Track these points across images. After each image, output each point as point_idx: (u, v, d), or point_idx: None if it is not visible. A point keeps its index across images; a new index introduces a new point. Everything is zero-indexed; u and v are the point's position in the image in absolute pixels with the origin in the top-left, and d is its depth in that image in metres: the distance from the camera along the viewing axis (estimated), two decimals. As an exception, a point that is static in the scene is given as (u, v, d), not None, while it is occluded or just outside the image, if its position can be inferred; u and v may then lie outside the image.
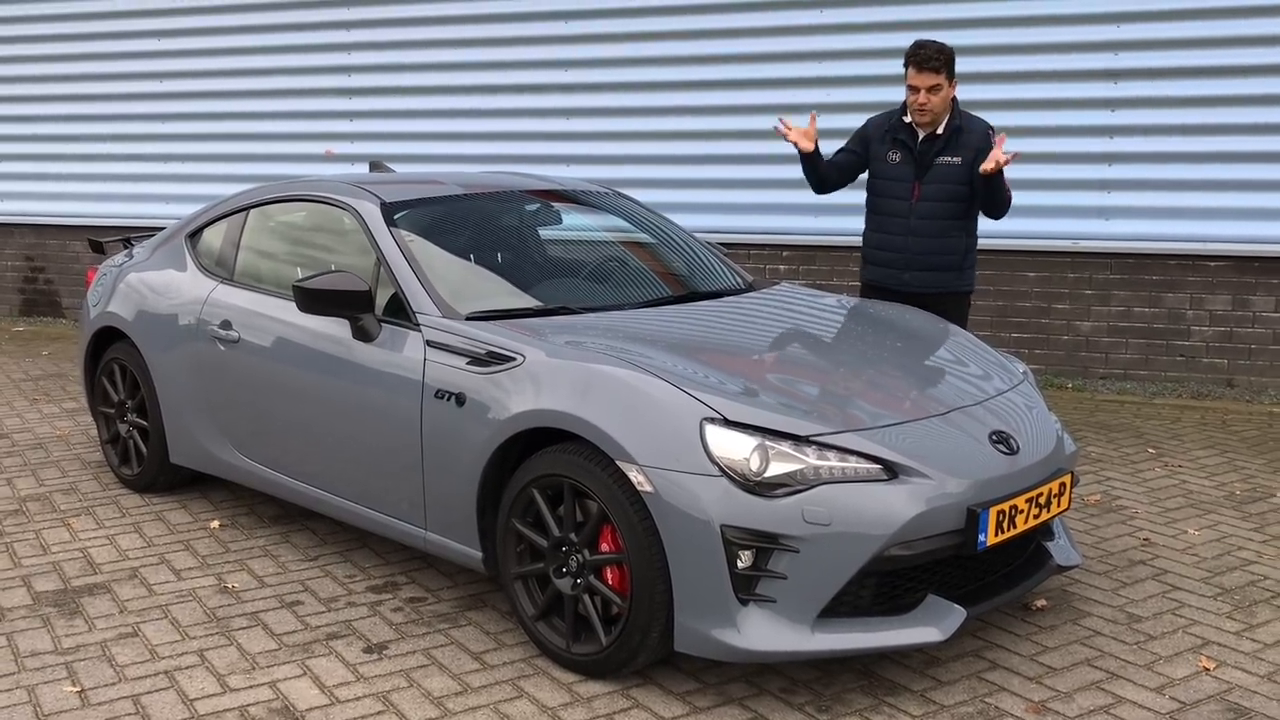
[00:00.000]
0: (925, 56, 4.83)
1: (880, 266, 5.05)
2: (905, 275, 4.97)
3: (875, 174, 5.10)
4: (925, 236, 4.93)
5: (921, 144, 4.95)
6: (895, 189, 4.99)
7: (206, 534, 4.74)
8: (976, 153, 4.87)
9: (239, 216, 4.93)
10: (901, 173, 4.98)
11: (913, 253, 4.95)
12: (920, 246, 4.94)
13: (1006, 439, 3.56)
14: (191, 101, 9.58)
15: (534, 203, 4.90)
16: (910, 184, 4.96)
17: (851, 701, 3.36)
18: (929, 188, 4.93)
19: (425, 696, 3.39)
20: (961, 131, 4.94)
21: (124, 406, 5.22)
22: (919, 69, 4.84)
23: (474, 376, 3.70)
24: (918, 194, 4.93)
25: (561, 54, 8.45)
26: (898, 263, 4.99)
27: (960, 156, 4.91)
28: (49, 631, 3.82)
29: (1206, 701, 3.35)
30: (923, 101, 4.85)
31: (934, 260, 4.96)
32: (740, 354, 3.86)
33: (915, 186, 4.94)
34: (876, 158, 5.06)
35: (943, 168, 4.93)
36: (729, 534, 3.15)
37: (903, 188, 4.97)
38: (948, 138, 4.92)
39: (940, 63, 4.83)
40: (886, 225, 5.01)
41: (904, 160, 4.98)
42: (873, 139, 5.07)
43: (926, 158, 4.94)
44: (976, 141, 4.91)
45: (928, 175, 4.93)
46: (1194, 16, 7.03)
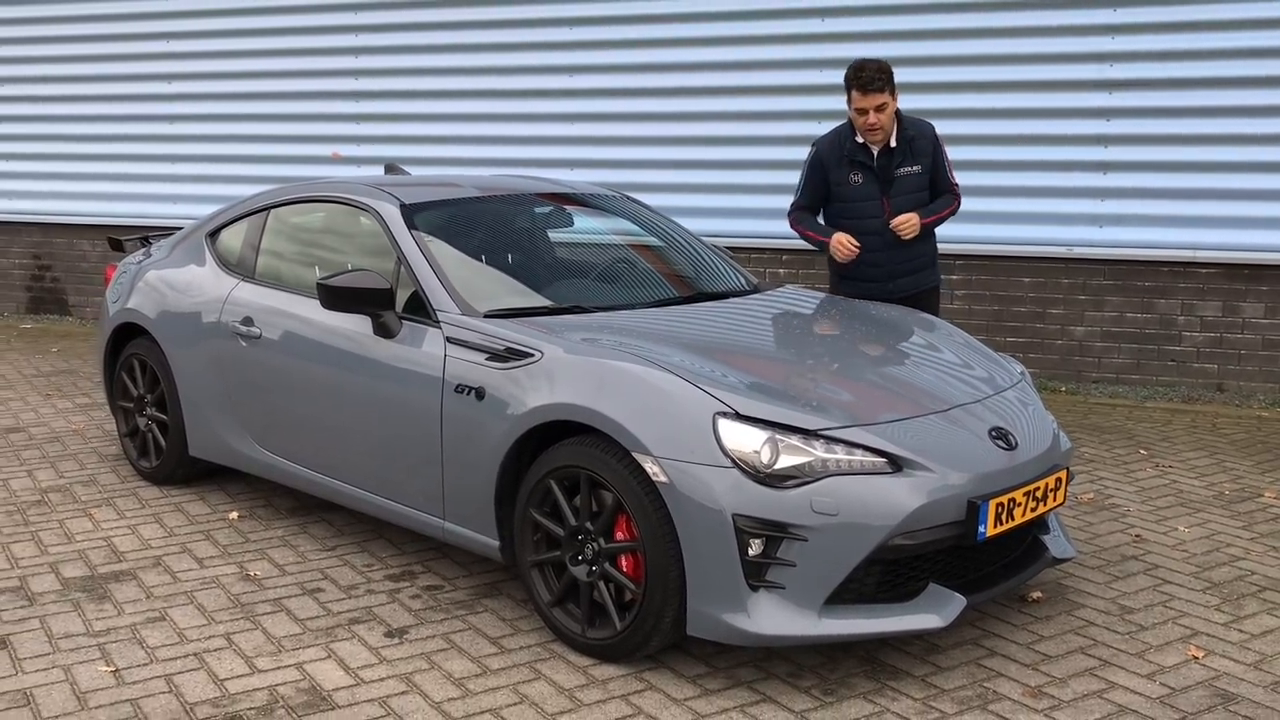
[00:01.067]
0: (868, 78, 4.94)
1: (863, 282, 5.14)
2: (889, 285, 5.14)
3: (839, 198, 5.18)
4: (902, 246, 5.11)
5: (880, 160, 5.08)
6: (866, 209, 5.11)
7: (226, 525, 4.87)
8: (932, 156, 5.14)
9: (259, 216, 5.06)
10: (867, 192, 5.10)
11: (895, 264, 5.12)
12: (900, 256, 5.13)
13: (1005, 435, 3.71)
14: (199, 103, 9.72)
15: (547, 205, 5.05)
16: (879, 201, 5.09)
17: (855, 685, 3.50)
18: (897, 200, 5.10)
19: (446, 677, 3.53)
20: (914, 139, 5.11)
21: (143, 401, 5.35)
22: (864, 91, 4.95)
23: (493, 372, 3.84)
24: (889, 209, 5.08)
25: (566, 60, 8.60)
26: (881, 276, 5.13)
27: (919, 164, 5.12)
28: (80, 615, 3.95)
29: (1195, 687, 3.50)
30: (873, 122, 4.97)
31: (913, 265, 5.19)
32: (749, 352, 4.00)
33: (884, 202, 5.09)
34: (837, 182, 5.15)
35: (905, 178, 5.11)
36: (740, 523, 3.29)
37: (873, 206, 5.10)
38: (903, 148, 5.09)
39: (884, 81, 4.95)
40: (865, 243, 5.08)
41: (867, 180, 5.10)
42: (829, 165, 5.16)
43: (888, 172, 5.09)
44: (928, 146, 5.13)
45: (893, 189, 5.09)
46: (1187, 29, 7.20)
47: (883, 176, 5.08)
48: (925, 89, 7.64)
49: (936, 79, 7.67)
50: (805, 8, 7.97)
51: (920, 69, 7.68)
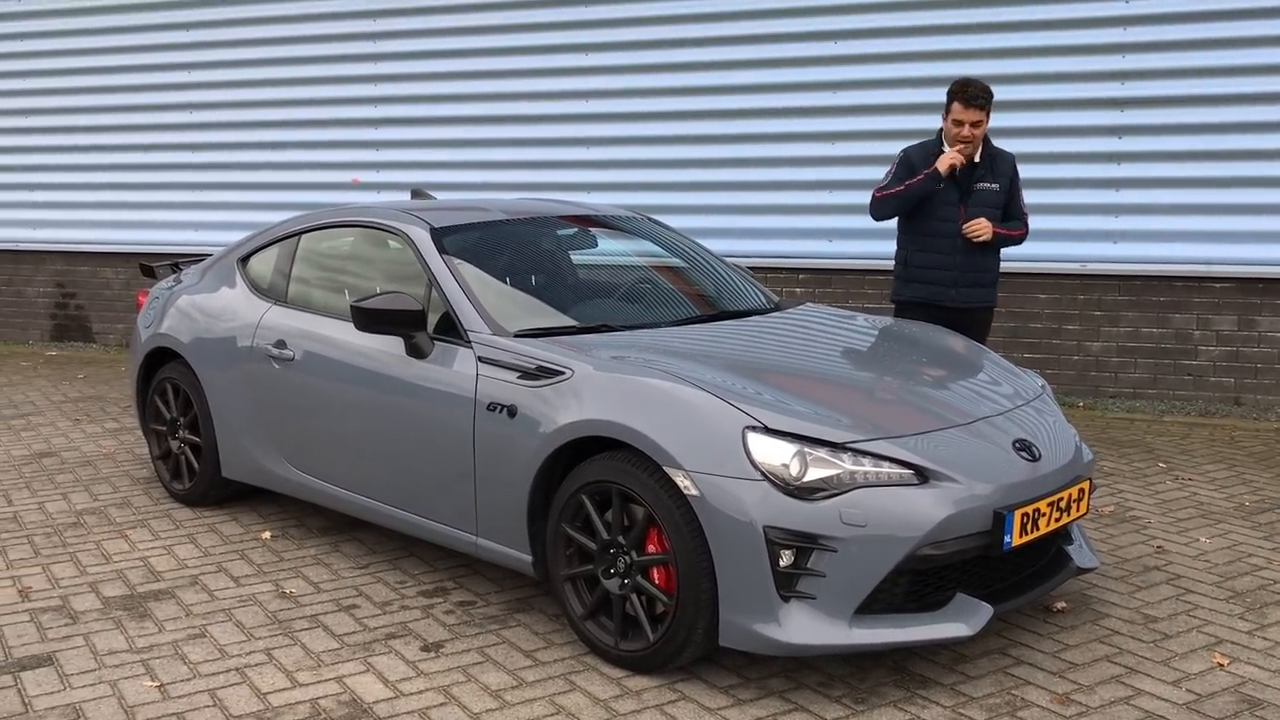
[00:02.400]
0: (974, 94, 5.31)
1: (929, 284, 5.44)
2: (952, 291, 5.41)
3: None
4: (971, 254, 5.40)
5: (962, 172, 5.39)
6: (943, 211, 5.40)
7: (259, 544, 4.96)
8: (1011, 180, 5.52)
9: (290, 242, 5.17)
10: (947, 197, 5.39)
11: (960, 270, 5.39)
12: (967, 264, 5.40)
13: (1029, 447, 3.78)
14: (221, 131, 9.86)
15: (571, 227, 5.15)
16: (956, 207, 5.39)
17: (885, 694, 3.56)
18: (972, 210, 5.40)
19: (484, 690, 3.60)
20: (996, 159, 5.49)
21: (176, 424, 5.45)
22: (966, 105, 5.31)
23: (525, 390, 3.93)
24: (963, 216, 5.38)
25: (582, 85, 8.72)
26: (946, 280, 5.41)
27: (997, 183, 5.47)
28: (122, 632, 4.03)
29: (1221, 694, 3.56)
30: (967, 135, 5.32)
31: (978, 277, 5.46)
32: (775, 368, 4.08)
33: (961, 209, 5.39)
34: None
35: (982, 192, 5.43)
36: (771, 535, 3.36)
37: (950, 210, 5.39)
38: (985, 165, 5.44)
39: (986, 100, 5.33)
40: (937, 245, 5.41)
41: (948, 187, 5.38)
42: (916, 168, 5.43)
43: (968, 183, 5.41)
44: (1008, 170, 5.51)
45: (970, 199, 5.40)
46: (1198, 47, 7.29)
47: (964, 185, 5.39)
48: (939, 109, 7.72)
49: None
50: (820, 30, 8.08)
51: (933, 90, 7.77)
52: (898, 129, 7.95)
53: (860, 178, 8.04)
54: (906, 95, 7.90)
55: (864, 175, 8.02)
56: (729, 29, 8.30)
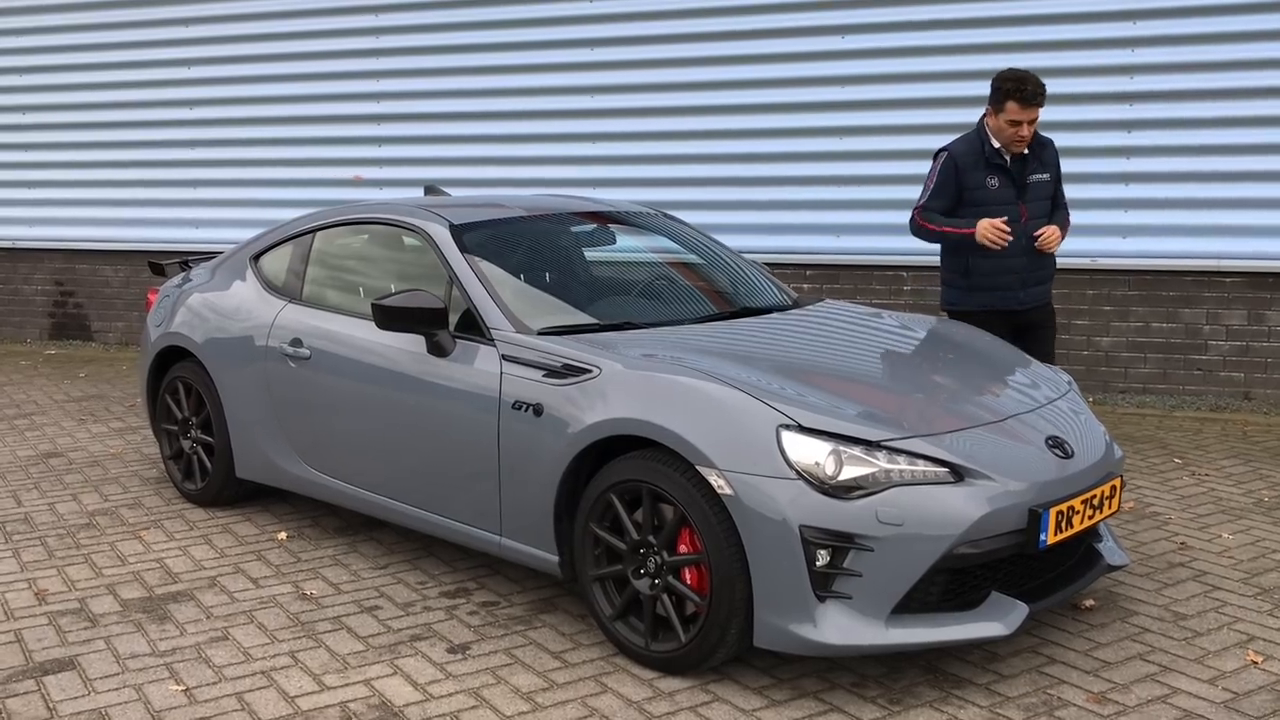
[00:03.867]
0: (1032, 93, 4.96)
1: (996, 291, 5.15)
2: (1021, 294, 5.16)
3: (975, 202, 5.12)
4: (1038, 254, 5.15)
5: (1013, 166, 5.12)
6: (1004, 213, 5.06)
7: (275, 545, 4.91)
8: (1057, 167, 5.28)
9: (304, 239, 5.11)
10: (1005, 196, 5.10)
11: (1027, 271, 5.13)
12: (1035, 264, 5.15)
13: (1062, 444, 3.75)
14: (221, 128, 9.78)
15: (590, 224, 5.10)
16: (1016, 205, 5.10)
17: (921, 694, 3.53)
18: (1031, 206, 5.15)
19: (515, 692, 3.56)
20: (1043, 148, 5.21)
21: (188, 423, 5.39)
22: (1024, 104, 4.96)
23: (551, 388, 3.88)
24: (1025, 214, 5.11)
25: (587, 80, 8.67)
26: (1014, 284, 5.14)
27: (1047, 173, 5.21)
28: (143, 635, 3.98)
29: (1258, 692, 3.53)
30: (1025, 134, 5.02)
31: (1043, 274, 5.23)
32: (805, 365, 4.04)
33: (1021, 206, 5.11)
34: (973, 186, 5.12)
35: (1036, 186, 5.17)
36: (807, 534, 3.33)
37: (1011, 209, 5.08)
38: (1036, 156, 5.17)
39: (1043, 96, 5.00)
40: (1003, 250, 5.03)
41: (1003, 184, 5.10)
42: (964, 168, 5.12)
43: (1022, 178, 5.13)
44: (1054, 157, 5.27)
45: (1027, 195, 5.14)
46: (1206, 41, 7.27)
47: (1019, 182, 5.12)
48: (946, 104, 7.72)
49: (956, 94, 7.73)
50: (828, 25, 8.03)
51: (941, 84, 7.75)
52: (905, 124, 7.95)
53: (868, 173, 8.05)
54: (915, 90, 7.87)
55: (871, 170, 8.04)
56: (734, 24, 8.25)
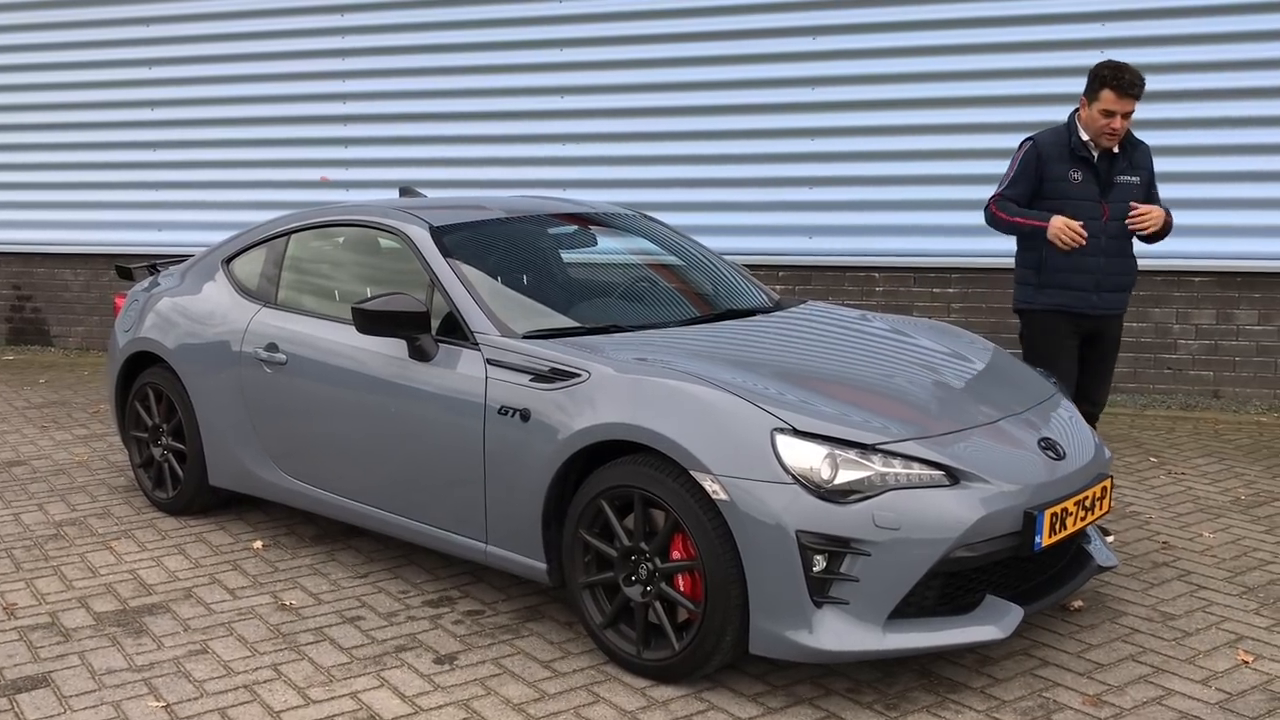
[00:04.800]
0: (1129, 83, 4.62)
1: (1070, 290, 4.78)
2: (1094, 297, 4.79)
3: (1055, 194, 4.79)
4: (1115, 256, 4.79)
5: (1100, 162, 4.77)
6: (1084, 209, 4.72)
7: (251, 554, 4.80)
8: (1150, 171, 4.91)
9: (279, 242, 5.01)
10: (1087, 192, 4.76)
11: (1104, 274, 4.77)
12: (1111, 267, 4.79)
13: (1054, 445, 3.74)
14: (182, 129, 9.63)
15: (572, 226, 5.04)
16: (1097, 204, 4.75)
17: (916, 699, 3.50)
18: (1114, 207, 4.77)
19: (505, 703, 3.49)
20: (1136, 150, 4.86)
21: (159, 430, 5.27)
22: (1121, 95, 4.62)
23: (539, 393, 3.82)
24: (1107, 214, 4.75)
25: (558, 81, 8.60)
26: (1088, 285, 4.77)
27: (1138, 176, 4.85)
28: (119, 650, 3.87)
29: (1251, 692, 3.53)
30: (1117, 126, 4.66)
31: (1121, 280, 4.85)
32: (795, 368, 4.00)
33: (1103, 206, 4.76)
34: (1055, 178, 4.79)
35: (1124, 187, 4.80)
36: (804, 539, 3.29)
37: (1092, 208, 4.74)
38: (1127, 156, 4.82)
39: (1141, 88, 4.66)
40: (1080, 248, 4.68)
41: (1086, 179, 4.76)
42: (1047, 159, 4.78)
43: (1108, 176, 4.78)
44: (1147, 161, 4.90)
45: (1111, 194, 4.77)
46: (1174, 43, 7.32)
47: (1103, 179, 4.77)
48: (918, 105, 7.73)
49: (927, 95, 7.75)
50: (798, 26, 8.02)
51: (913, 86, 7.76)
52: (877, 125, 7.95)
53: (840, 174, 8.04)
54: (886, 92, 7.88)
55: (844, 171, 8.03)
56: (704, 25, 8.22)
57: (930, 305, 7.96)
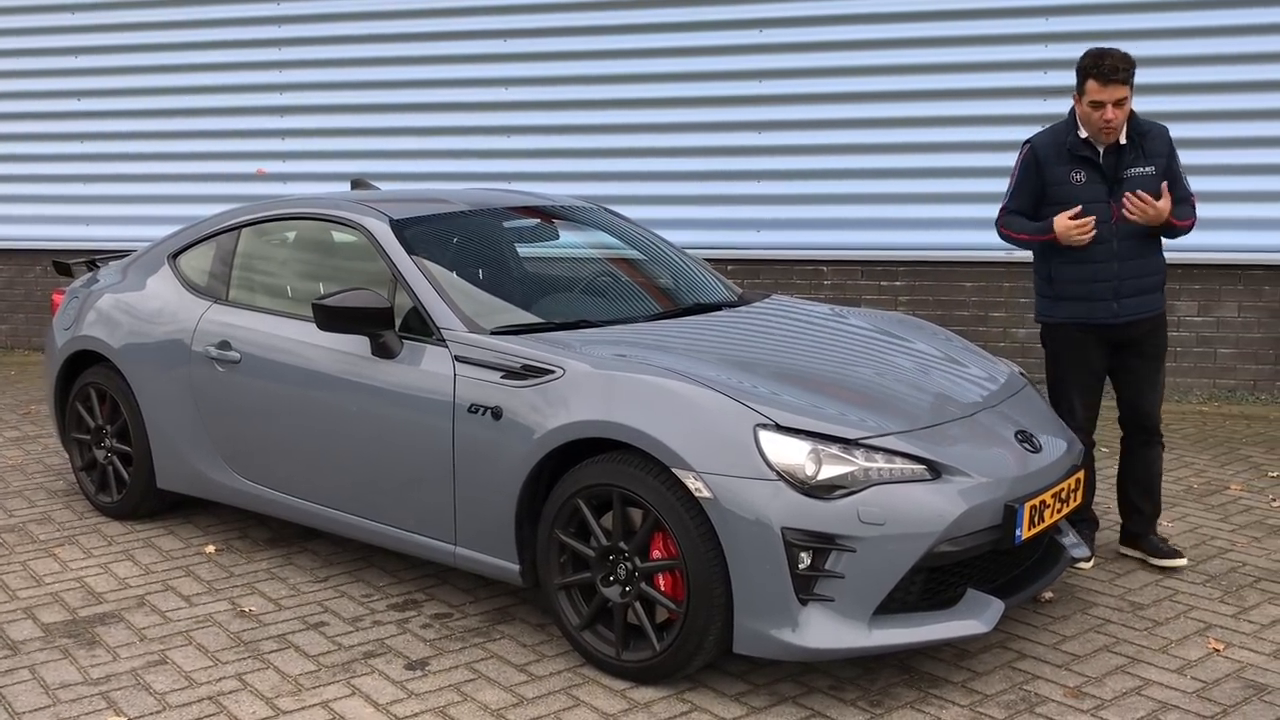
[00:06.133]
0: (1110, 68, 4.21)
1: (1084, 301, 4.37)
2: (1115, 305, 4.35)
3: (1057, 199, 4.39)
4: (1133, 259, 4.34)
5: (1105, 158, 4.35)
6: (1091, 212, 4.30)
7: (204, 559, 4.64)
8: (1167, 159, 4.39)
9: (230, 236, 4.85)
10: (1092, 193, 4.33)
11: (1122, 279, 4.34)
12: (1130, 271, 4.34)
13: (1030, 438, 3.74)
14: (111, 120, 9.33)
15: (534, 219, 4.94)
16: (1105, 204, 4.32)
17: (899, 695, 3.48)
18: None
19: (483, 709, 3.40)
20: (1146, 137, 4.37)
21: (102, 432, 5.08)
22: (1104, 82, 4.22)
23: (510, 390, 3.73)
24: (1117, 214, 4.30)
25: (499, 73, 8.47)
26: (1106, 293, 4.34)
27: (1152, 165, 4.35)
28: (72, 662, 3.71)
29: (1225, 680, 3.56)
30: (1109, 118, 4.24)
31: (1144, 283, 4.39)
32: (770, 363, 3.95)
33: (1112, 206, 4.31)
34: (1055, 181, 4.39)
35: (1136, 180, 4.32)
36: (789, 536, 3.24)
37: (1099, 209, 4.31)
38: (1135, 146, 4.35)
39: (1127, 72, 4.23)
40: (1089, 254, 4.31)
41: (1090, 179, 4.35)
42: (1046, 161, 4.41)
43: (1116, 171, 4.34)
44: (1162, 147, 4.40)
45: (1120, 189, 4.31)
46: (1120, 38, 7.33)
47: (1110, 176, 4.33)
48: (863, 99, 7.75)
49: (873, 89, 7.77)
50: (745, 19, 7.98)
51: (858, 80, 7.77)
52: (825, 118, 7.94)
53: (788, 167, 8.03)
54: (834, 85, 7.87)
55: (792, 165, 8.02)
56: (648, 16, 8.14)
57: (878, 298, 7.98)
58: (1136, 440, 4.56)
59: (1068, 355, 4.47)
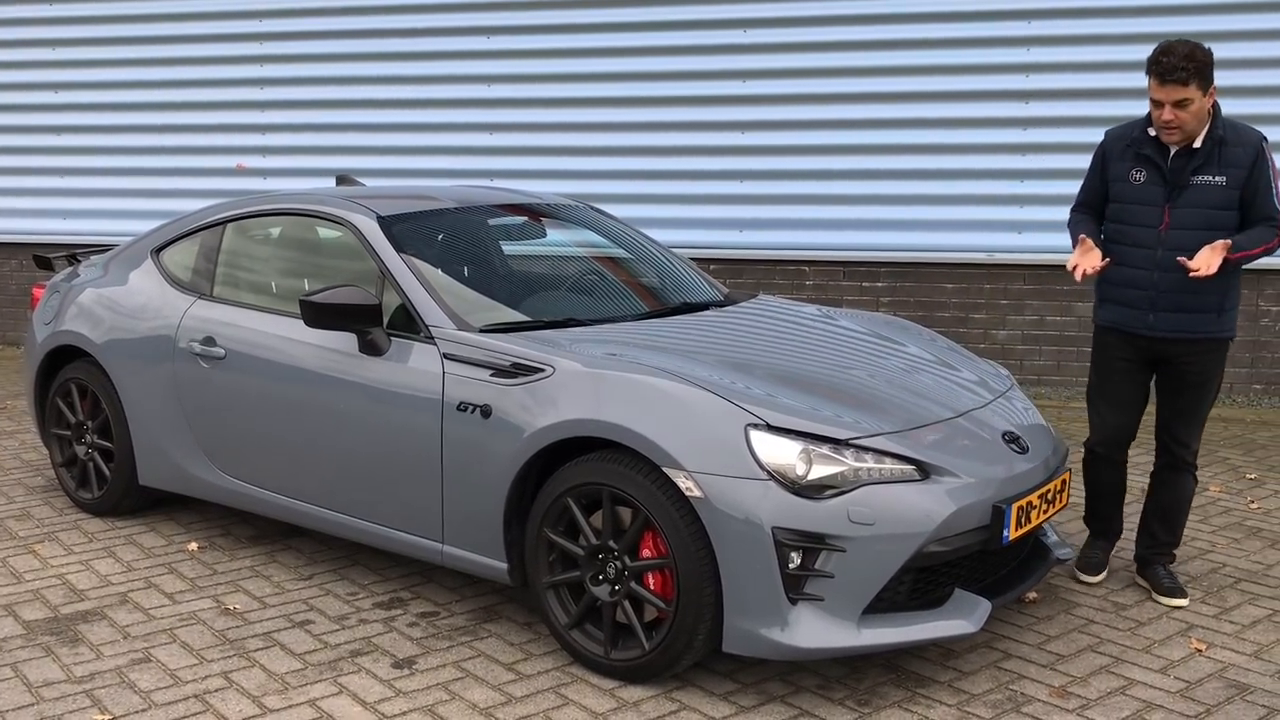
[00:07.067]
0: (1168, 66, 3.88)
1: (1120, 306, 4.16)
2: (1150, 317, 4.08)
3: (1116, 196, 4.17)
4: (1177, 272, 3.96)
5: (1173, 161, 4.03)
6: (1140, 214, 4.08)
7: (186, 556, 4.61)
8: (1249, 171, 3.98)
9: (214, 231, 4.81)
10: (1148, 195, 4.07)
11: (1159, 290, 4.04)
12: (1169, 283, 4.01)
13: (1017, 439, 3.76)
14: (89, 114, 9.25)
15: (521, 217, 4.93)
16: (1159, 208, 4.04)
17: (887, 694, 3.49)
18: (1182, 213, 4.01)
19: (471, 708, 3.39)
20: (1225, 145, 3.99)
21: (83, 428, 5.04)
22: (1161, 81, 3.92)
23: (500, 388, 3.72)
24: (1167, 221, 4.02)
25: (482, 69, 8.45)
26: (1141, 302, 4.08)
27: (1225, 175, 3.98)
28: (55, 660, 3.68)
29: (1208, 680, 3.60)
30: (1168, 118, 3.93)
31: (1186, 300, 4.03)
32: (760, 363, 3.95)
33: (1165, 211, 4.03)
34: (1117, 177, 4.15)
35: (1201, 189, 3.99)
36: (780, 535, 3.25)
37: (1149, 213, 4.06)
38: (1207, 152, 3.99)
39: (1188, 73, 3.86)
40: (1129, 258, 4.09)
41: (1150, 180, 4.06)
42: (1111, 155, 4.18)
43: (1180, 176, 4.01)
44: (1247, 157, 3.98)
45: (1181, 198, 4.01)
46: (1100, 42, 7.46)
47: (1173, 180, 4.02)
48: (846, 100, 7.77)
49: (855, 90, 7.79)
50: (731, 19, 7.98)
51: (842, 80, 7.79)
52: (808, 119, 7.96)
53: (772, 168, 8.04)
54: (817, 86, 7.89)
55: (775, 165, 8.03)
56: (633, 14, 8.14)
57: (860, 299, 8.01)
58: (1163, 463, 4.29)
59: (1099, 360, 4.33)
